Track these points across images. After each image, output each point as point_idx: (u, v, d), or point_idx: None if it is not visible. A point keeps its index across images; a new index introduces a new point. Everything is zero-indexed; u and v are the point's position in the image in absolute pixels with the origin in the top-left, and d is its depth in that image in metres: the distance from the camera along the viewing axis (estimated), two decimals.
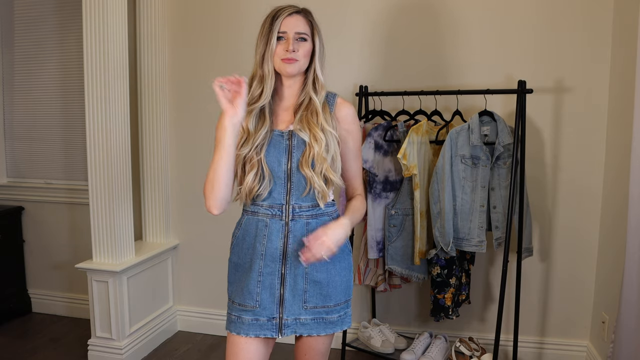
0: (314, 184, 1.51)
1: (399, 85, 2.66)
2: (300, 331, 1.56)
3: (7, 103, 3.36)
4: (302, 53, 1.50)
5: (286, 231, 1.53)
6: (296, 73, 1.52)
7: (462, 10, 2.60)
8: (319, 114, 1.53)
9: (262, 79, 1.52)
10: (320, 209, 1.56)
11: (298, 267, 1.53)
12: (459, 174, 2.33)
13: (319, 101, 1.54)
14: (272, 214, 1.54)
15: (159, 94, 2.95)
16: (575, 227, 2.60)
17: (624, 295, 1.95)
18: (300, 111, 1.54)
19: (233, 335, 1.56)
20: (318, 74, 1.55)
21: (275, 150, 1.53)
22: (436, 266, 2.42)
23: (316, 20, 1.57)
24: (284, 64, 1.49)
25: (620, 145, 2.30)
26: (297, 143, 1.53)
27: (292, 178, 1.53)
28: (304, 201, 1.54)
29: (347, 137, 1.60)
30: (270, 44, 1.49)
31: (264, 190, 1.52)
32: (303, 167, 1.51)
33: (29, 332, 3.12)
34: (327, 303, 1.57)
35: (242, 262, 1.57)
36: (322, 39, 1.57)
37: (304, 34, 1.51)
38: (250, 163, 1.51)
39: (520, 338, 2.57)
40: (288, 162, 1.53)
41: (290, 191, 1.53)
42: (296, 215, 1.54)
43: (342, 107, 1.61)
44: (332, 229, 1.48)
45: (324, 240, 1.44)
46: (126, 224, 2.68)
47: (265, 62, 1.51)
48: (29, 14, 3.25)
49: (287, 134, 1.53)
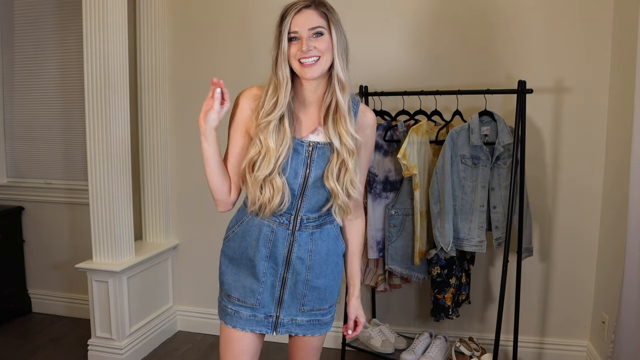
0: (337, 199, 1.45)
1: (399, 85, 2.66)
2: (296, 331, 1.57)
3: (7, 103, 3.36)
4: (322, 49, 1.36)
5: (292, 240, 1.50)
6: (318, 75, 1.38)
7: (462, 11, 2.60)
8: (347, 120, 1.41)
9: (277, 87, 1.40)
10: (325, 219, 1.52)
11: (300, 273, 1.52)
12: (459, 174, 2.33)
13: (345, 103, 1.41)
14: (280, 222, 1.49)
15: (159, 94, 2.95)
16: (575, 227, 2.60)
17: (624, 295, 1.95)
18: (329, 116, 1.42)
19: (229, 328, 1.57)
20: (338, 70, 1.40)
21: (293, 161, 1.43)
22: (436, 266, 2.42)
23: (334, 10, 1.41)
24: (302, 68, 1.36)
25: (620, 145, 2.30)
26: (317, 156, 1.44)
27: (307, 191, 1.46)
28: (312, 212, 1.50)
29: (368, 144, 1.53)
30: (282, 46, 1.37)
31: (284, 207, 1.45)
32: (329, 181, 1.43)
33: (29, 332, 3.12)
34: (323, 306, 1.58)
35: (238, 258, 1.55)
36: (341, 30, 1.41)
37: (319, 27, 1.36)
38: (274, 187, 1.41)
39: (520, 338, 2.57)
40: (305, 175, 1.44)
41: (302, 204, 1.48)
42: (303, 226, 1.50)
43: (366, 114, 1.52)
44: (359, 308, 1.64)
45: (360, 321, 1.64)
46: (126, 224, 2.68)
47: (279, 68, 1.38)
48: (29, 14, 3.25)
49: (307, 145, 1.43)
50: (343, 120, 1.41)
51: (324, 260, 1.55)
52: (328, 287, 1.57)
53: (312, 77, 1.38)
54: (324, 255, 1.54)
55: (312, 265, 1.53)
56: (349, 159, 1.43)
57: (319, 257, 1.53)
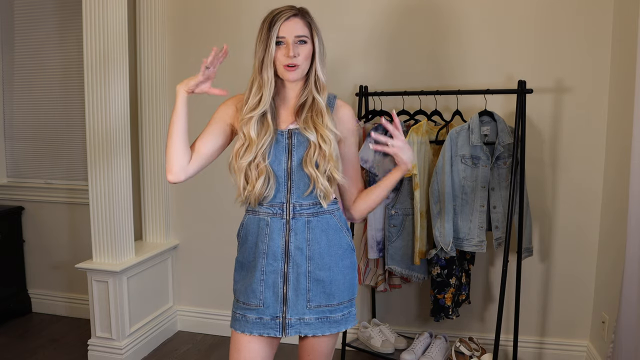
0: (317, 184, 1.53)
1: (399, 85, 2.66)
2: (305, 331, 1.56)
3: (7, 103, 3.36)
4: (303, 56, 1.51)
5: (287, 229, 1.54)
6: (299, 78, 1.53)
7: (462, 11, 2.60)
8: (324, 114, 1.54)
9: (261, 86, 1.52)
10: (321, 207, 1.57)
11: (300, 265, 1.54)
12: (459, 174, 2.33)
13: (323, 101, 1.55)
14: (273, 212, 1.55)
15: (159, 94, 2.95)
16: (575, 227, 2.60)
17: (624, 295, 1.95)
18: (304, 112, 1.54)
19: (237, 334, 1.58)
20: (319, 74, 1.55)
21: (275, 149, 1.53)
22: (436, 266, 2.42)
23: (314, 19, 1.56)
24: (286, 71, 1.50)
25: (620, 145, 2.30)
26: (297, 142, 1.54)
27: (293, 177, 1.54)
28: (305, 199, 1.55)
29: (348, 137, 1.63)
30: (269, 50, 1.49)
31: (270, 192, 1.54)
32: (307, 166, 1.52)
33: (29, 332, 3.12)
34: (331, 302, 1.57)
35: (246, 262, 1.60)
36: (321, 39, 1.57)
37: (304, 36, 1.51)
38: (258, 169, 1.52)
39: (520, 338, 2.57)
40: (288, 161, 1.54)
41: (291, 190, 1.54)
42: (297, 214, 1.55)
43: (342, 108, 1.64)
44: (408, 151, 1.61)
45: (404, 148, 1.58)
46: (126, 223, 2.68)
47: (264, 69, 1.51)
48: (29, 14, 3.25)
49: (286, 133, 1.55)
50: (319, 115, 1.54)
51: (325, 250, 1.56)
52: (334, 281, 1.57)
53: (293, 80, 1.53)
54: (325, 246, 1.56)
55: (312, 256, 1.54)
56: (327, 147, 1.52)
57: (318, 247, 1.55)
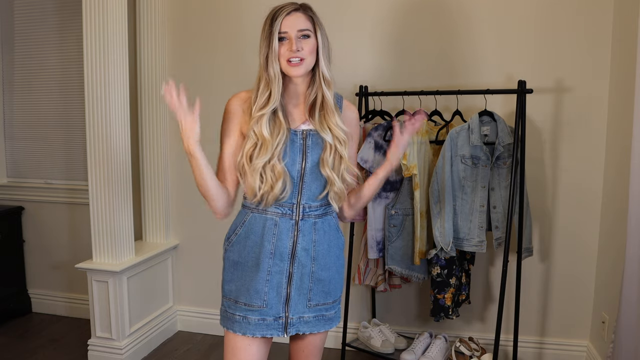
0: (333, 186, 1.52)
1: (399, 85, 2.66)
2: (304, 329, 1.57)
3: (7, 103, 3.36)
4: (307, 50, 1.47)
5: (296, 230, 1.53)
6: (303, 73, 1.49)
7: (462, 11, 2.60)
8: (334, 113, 1.52)
9: (269, 83, 1.48)
10: (327, 208, 1.57)
11: (305, 266, 1.54)
12: (459, 174, 2.33)
13: (332, 98, 1.53)
14: (282, 212, 1.52)
15: (158, 94, 2.95)
16: (575, 227, 2.60)
17: (624, 295, 1.95)
18: (316, 110, 1.52)
19: (236, 336, 1.55)
20: (323, 69, 1.51)
21: (290, 150, 1.50)
22: (436, 266, 2.42)
23: (317, 14, 1.54)
24: (290, 67, 1.47)
25: (620, 145, 2.30)
26: (311, 143, 1.52)
27: (305, 178, 1.52)
28: (314, 201, 1.54)
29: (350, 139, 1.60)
30: (273, 45, 1.46)
31: (286, 194, 1.51)
32: (325, 168, 1.51)
33: (29, 332, 3.12)
34: (327, 300, 1.59)
35: (243, 261, 1.55)
36: (325, 34, 1.53)
37: (306, 30, 1.48)
38: (275, 171, 1.47)
39: (520, 338, 2.57)
40: (302, 162, 1.51)
41: (302, 191, 1.53)
42: (306, 215, 1.54)
43: (348, 110, 1.64)
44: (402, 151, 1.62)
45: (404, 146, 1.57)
46: (126, 224, 2.67)
47: (270, 65, 1.47)
48: (29, 14, 3.25)
49: (301, 134, 1.52)
50: (331, 114, 1.52)
51: (327, 251, 1.57)
52: (332, 280, 1.59)
53: (298, 75, 1.49)
54: (327, 246, 1.57)
55: (317, 256, 1.55)
56: (342, 149, 1.52)
57: (322, 248, 1.56)
